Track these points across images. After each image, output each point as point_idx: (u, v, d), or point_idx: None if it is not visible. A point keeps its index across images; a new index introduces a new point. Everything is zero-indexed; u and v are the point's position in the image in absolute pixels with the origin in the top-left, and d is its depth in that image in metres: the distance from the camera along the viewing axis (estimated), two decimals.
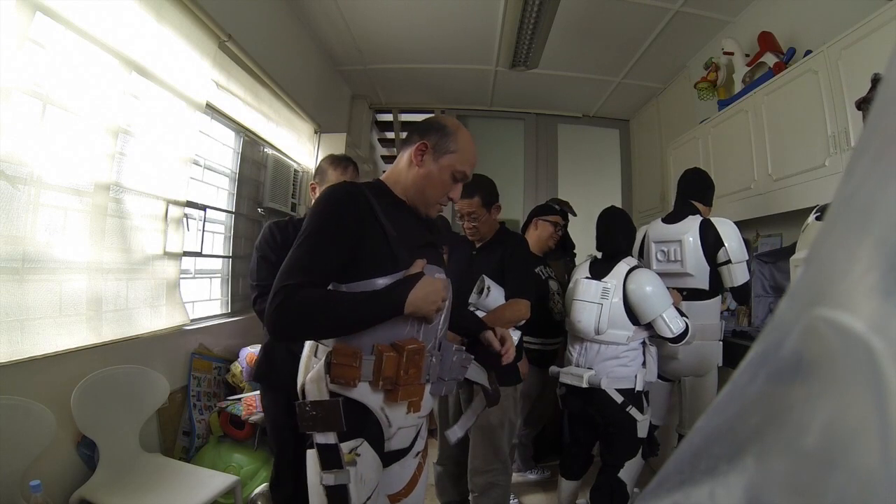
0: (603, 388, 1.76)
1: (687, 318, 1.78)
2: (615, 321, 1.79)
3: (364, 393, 0.96)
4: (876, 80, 1.48)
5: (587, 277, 1.87)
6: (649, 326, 1.79)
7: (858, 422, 0.20)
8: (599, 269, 1.88)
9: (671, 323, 1.72)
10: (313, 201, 1.43)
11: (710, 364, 2.03)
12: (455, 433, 1.28)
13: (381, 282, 0.97)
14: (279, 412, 1.59)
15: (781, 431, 0.24)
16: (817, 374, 0.24)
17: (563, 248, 2.78)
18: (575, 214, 2.63)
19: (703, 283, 2.02)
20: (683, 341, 1.74)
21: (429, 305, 0.96)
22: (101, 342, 1.62)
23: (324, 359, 0.95)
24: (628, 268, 1.81)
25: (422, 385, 1.02)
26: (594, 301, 1.80)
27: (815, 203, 1.84)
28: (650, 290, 1.75)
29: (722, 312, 2.18)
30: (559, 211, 2.43)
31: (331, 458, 0.93)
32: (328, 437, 0.93)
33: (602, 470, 1.87)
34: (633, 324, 1.79)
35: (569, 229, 2.81)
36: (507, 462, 1.81)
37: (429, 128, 1.08)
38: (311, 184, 1.79)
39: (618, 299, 1.78)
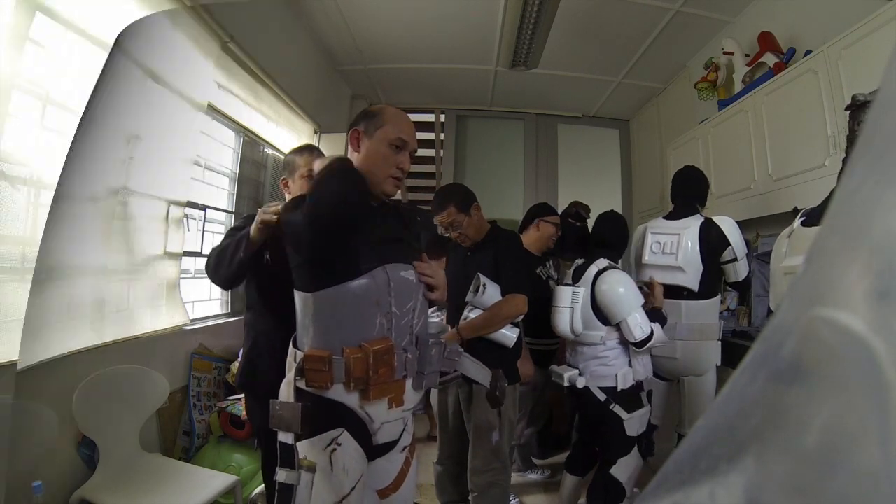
0: (581, 386, 1.82)
1: (661, 322, 1.80)
2: (587, 323, 1.84)
3: (340, 393, 1.00)
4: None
5: (565, 283, 1.93)
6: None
7: (858, 422, 0.20)
8: (578, 273, 1.94)
9: (634, 329, 1.75)
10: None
11: (708, 363, 2.03)
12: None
13: (354, 285, 1.00)
14: (263, 418, 1.57)
15: (781, 431, 0.24)
16: (817, 374, 0.24)
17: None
18: (588, 217, 2.67)
19: (693, 280, 2.00)
20: (645, 347, 1.76)
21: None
22: (102, 342, 1.62)
23: (296, 364, 1.00)
24: (597, 269, 1.85)
25: (399, 381, 1.04)
26: (566, 305, 1.86)
27: (814, 203, 1.83)
28: (622, 291, 1.78)
29: (721, 312, 2.18)
30: (574, 213, 2.47)
31: (286, 457, 0.99)
32: (287, 438, 1.00)
33: (598, 467, 1.91)
34: (604, 324, 1.82)
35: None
36: (507, 461, 1.81)
37: (357, 119, 1.14)
38: (283, 179, 1.57)
39: (586, 301, 1.83)
